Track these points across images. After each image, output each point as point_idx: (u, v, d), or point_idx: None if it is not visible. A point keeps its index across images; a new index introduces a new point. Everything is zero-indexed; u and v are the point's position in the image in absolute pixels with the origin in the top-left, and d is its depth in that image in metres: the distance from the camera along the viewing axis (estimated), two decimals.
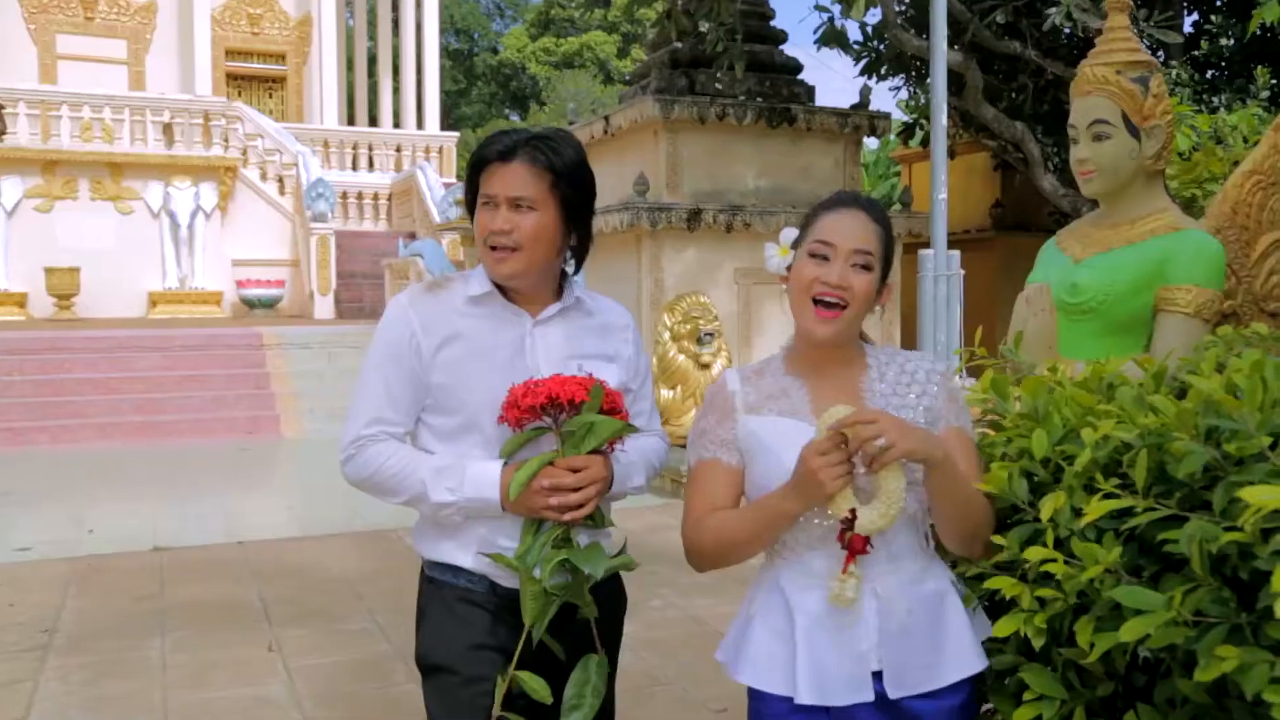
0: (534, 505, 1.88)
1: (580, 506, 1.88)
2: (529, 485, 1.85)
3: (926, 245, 13.11)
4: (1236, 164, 3.52)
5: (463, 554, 2.00)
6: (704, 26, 11.30)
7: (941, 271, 7.94)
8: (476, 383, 1.97)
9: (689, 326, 8.59)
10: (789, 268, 1.88)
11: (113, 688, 4.30)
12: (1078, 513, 1.64)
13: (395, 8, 25.37)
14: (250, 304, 18.06)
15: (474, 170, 1.96)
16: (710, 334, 8.58)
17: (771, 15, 13.26)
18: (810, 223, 1.88)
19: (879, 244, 1.84)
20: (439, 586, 2.05)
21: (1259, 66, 10.82)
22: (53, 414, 10.90)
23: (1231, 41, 11.60)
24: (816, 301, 1.80)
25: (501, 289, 2.02)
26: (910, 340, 10.06)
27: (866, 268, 1.81)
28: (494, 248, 1.95)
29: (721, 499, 1.85)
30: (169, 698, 4.18)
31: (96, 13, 22.27)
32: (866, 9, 10.35)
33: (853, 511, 1.70)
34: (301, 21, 23.67)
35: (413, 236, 19.25)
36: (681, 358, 8.61)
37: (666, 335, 8.66)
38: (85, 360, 11.84)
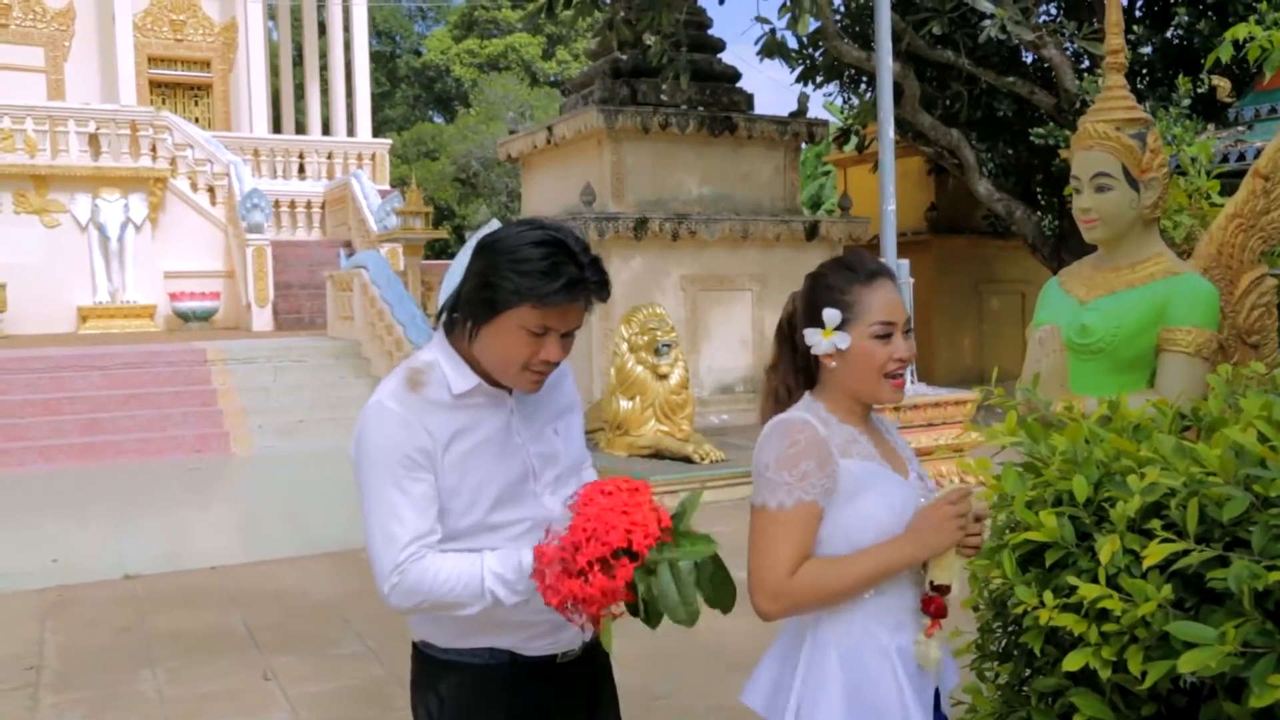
0: None
1: None
2: None
3: (863, 247, 13.42)
4: (1198, 190, 3.76)
5: (491, 637, 1.99)
6: (649, 39, 11.41)
7: None
8: (485, 477, 1.94)
9: (646, 338, 8.71)
10: (841, 347, 1.96)
11: None
12: (1127, 553, 1.82)
13: (321, 11, 25.08)
14: (185, 317, 17.78)
15: (522, 299, 1.85)
16: (668, 344, 8.71)
17: (709, 24, 13.47)
18: (854, 299, 1.96)
19: None
20: (455, 669, 2.01)
21: (1180, 75, 11.30)
22: None
23: (1150, 50, 12.10)
24: (889, 375, 1.96)
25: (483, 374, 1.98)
26: None
27: (910, 330, 2.02)
28: (536, 371, 1.91)
29: (810, 545, 1.92)
30: None
31: (11, 19, 21.66)
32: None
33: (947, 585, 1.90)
34: (226, 27, 23.30)
35: (348, 245, 19.10)
36: (640, 369, 8.73)
37: (624, 347, 8.77)
38: (23, 381, 11.59)
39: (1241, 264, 2.73)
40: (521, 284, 1.83)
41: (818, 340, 1.96)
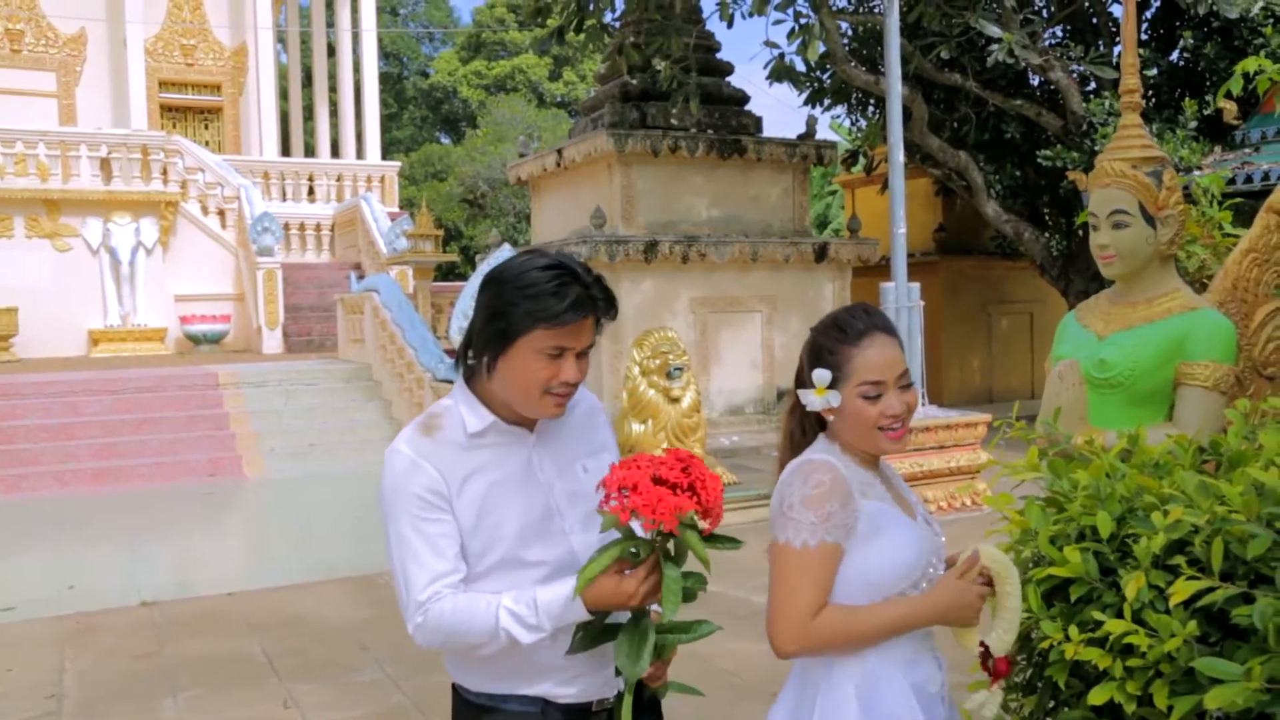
0: (628, 596, 1.85)
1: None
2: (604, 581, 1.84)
3: (872, 268, 13.49)
4: (1210, 220, 3.80)
5: (523, 683, 2.00)
6: (658, 64, 11.50)
7: (903, 304, 8.23)
8: (503, 515, 1.95)
9: (658, 361, 8.74)
10: (834, 405, 2.01)
11: None
12: (1152, 588, 1.85)
13: (330, 34, 25.29)
14: (195, 340, 17.88)
15: (535, 321, 1.89)
16: (680, 368, 8.74)
17: (718, 47, 13.54)
18: (842, 360, 1.99)
19: (905, 356, 2.06)
20: (489, 713, 2.03)
21: (1186, 97, 11.36)
22: (6, 462, 10.70)
23: (1156, 72, 12.17)
24: (884, 428, 1.99)
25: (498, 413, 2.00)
26: None
27: (910, 384, 2.03)
28: (557, 394, 1.94)
29: (831, 585, 1.95)
30: None
31: (23, 45, 21.87)
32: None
33: (984, 644, 1.96)
34: (236, 51, 23.49)
35: (358, 267, 19.21)
36: (651, 392, 8.76)
37: (636, 370, 8.80)
38: (36, 405, 11.65)
39: (1257, 298, 2.78)
40: (532, 307, 1.88)
41: (811, 399, 2.00)
